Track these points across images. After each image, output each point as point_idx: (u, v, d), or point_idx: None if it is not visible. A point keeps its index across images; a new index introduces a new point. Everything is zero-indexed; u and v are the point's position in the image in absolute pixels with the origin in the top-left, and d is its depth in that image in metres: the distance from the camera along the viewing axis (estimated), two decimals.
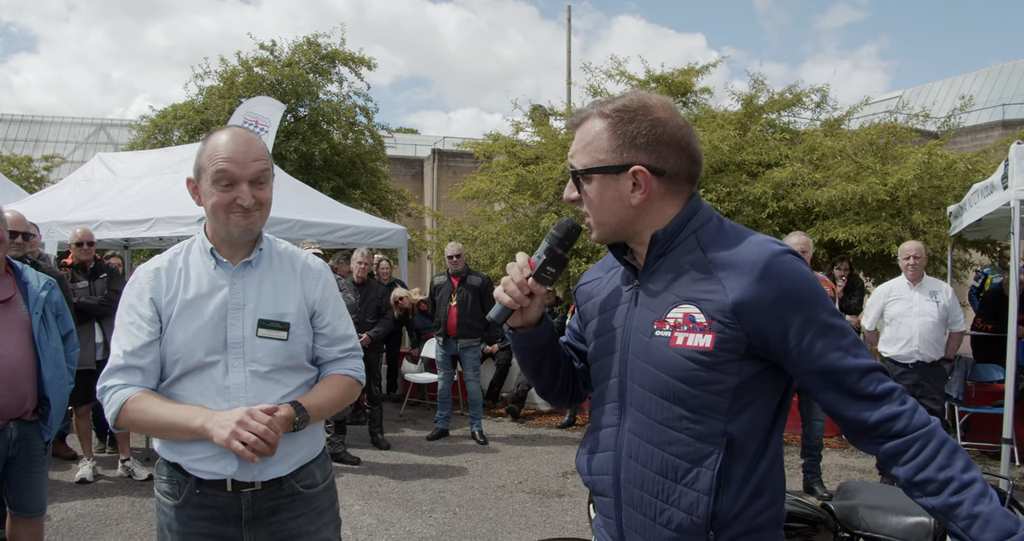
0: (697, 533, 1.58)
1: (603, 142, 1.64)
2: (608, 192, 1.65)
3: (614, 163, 1.63)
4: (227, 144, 2.14)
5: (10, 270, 3.75)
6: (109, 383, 2.14)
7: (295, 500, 2.24)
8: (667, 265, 1.66)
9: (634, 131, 1.61)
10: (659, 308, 1.63)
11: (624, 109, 1.63)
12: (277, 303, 2.23)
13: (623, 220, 1.67)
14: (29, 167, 24.06)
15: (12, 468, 3.69)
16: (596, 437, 1.78)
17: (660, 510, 1.61)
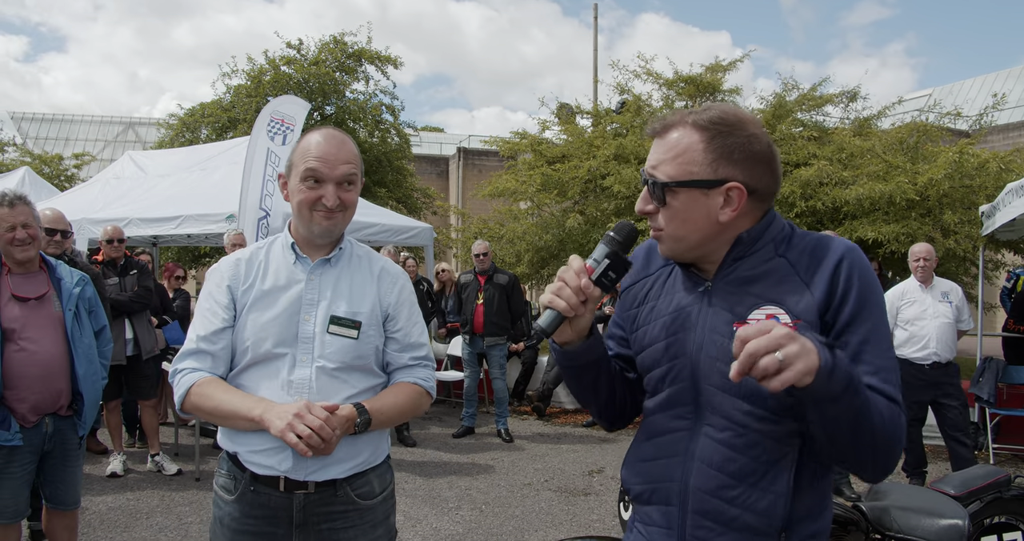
0: (770, 536, 1.57)
1: (697, 155, 1.57)
2: (696, 207, 1.59)
3: (709, 177, 1.57)
4: (320, 144, 2.16)
5: (44, 266, 3.80)
6: (180, 366, 2.18)
7: (349, 511, 2.22)
8: (745, 267, 1.63)
9: (731, 146, 1.56)
10: (738, 309, 1.60)
11: (721, 122, 1.58)
12: (351, 302, 2.23)
13: (705, 236, 1.62)
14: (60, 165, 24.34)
15: (48, 462, 3.76)
16: (656, 444, 1.73)
17: (734, 515, 1.58)
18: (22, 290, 3.65)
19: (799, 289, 1.56)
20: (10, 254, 3.63)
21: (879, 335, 1.54)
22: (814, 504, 1.58)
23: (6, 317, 3.55)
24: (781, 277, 1.59)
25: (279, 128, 8.89)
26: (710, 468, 1.60)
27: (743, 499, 1.57)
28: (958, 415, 6.41)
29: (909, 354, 6.48)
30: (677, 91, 12.93)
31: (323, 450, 1.99)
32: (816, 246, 1.60)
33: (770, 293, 1.58)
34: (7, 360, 3.51)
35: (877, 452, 1.49)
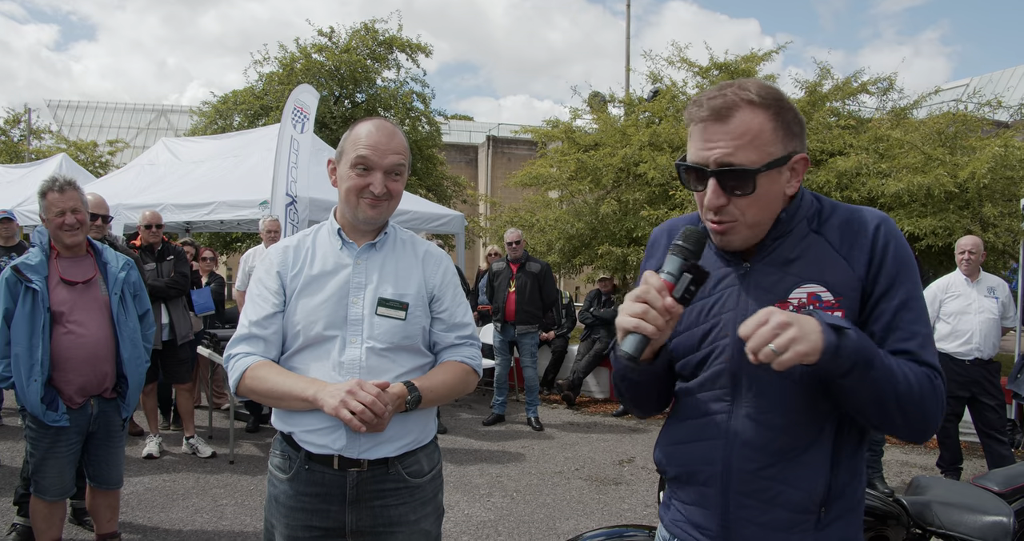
0: (810, 511, 1.59)
1: (770, 134, 1.54)
2: (775, 188, 1.58)
3: (783, 154, 1.56)
4: (372, 134, 2.22)
5: (91, 251, 3.86)
6: (234, 351, 2.25)
7: (400, 488, 2.27)
8: (784, 247, 1.63)
9: (790, 119, 1.57)
10: (778, 289, 1.60)
11: (771, 97, 1.56)
12: (398, 284, 2.28)
13: (774, 214, 1.62)
14: (94, 152, 24.65)
15: (93, 442, 3.85)
16: (693, 426, 1.73)
17: (777, 492, 1.60)
18: (70, 274, 3.73)
19: (839, 265, 1.58)
20: (60, 238, 3.70)
21: (914, 302, 1.56)
22: (851, 479, 1.62)
23: (55, 300, 3.63)
24: (819, 254, 1.60)
25: (299, 117, 9.00)
26: (751, 448, 1.62)
27: (785, 477, 1.59)
28: (995, 415, 6.30)
29: (951, 349, 6.36)
30: (711, 79, 12.81)
31: (376, 426, 2.05)
32: (849, 219, 1.62)
33: (809, 271, 1.59)
34: (56, 342, 3.60)
35: (907, 417, 1.50)
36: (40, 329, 3.54)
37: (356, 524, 2.24)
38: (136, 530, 4.87)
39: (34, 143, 25.50)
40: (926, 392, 1.49)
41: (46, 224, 3.73)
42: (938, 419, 1.53)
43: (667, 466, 1.79)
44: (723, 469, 1.65)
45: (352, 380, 2.08)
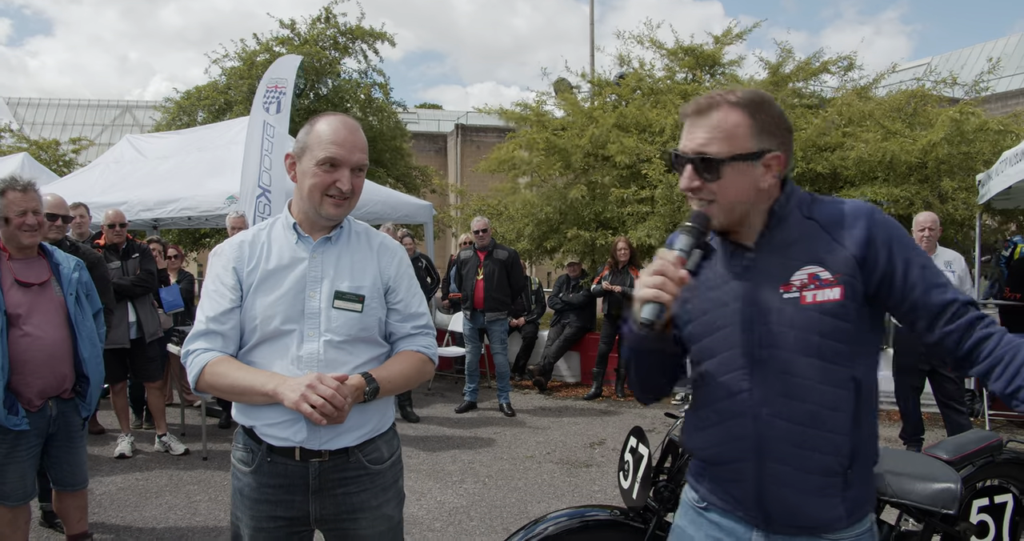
0: (839, 473, 1.76)
1: (743, 131, 1.75)
2: (744, 178, 1.77)
3: (754, 150, 1.75)
4: (339, 130, 2.24)
5: (41, 253, 3.84)
6: (192, 347, 2.26)
7: (361, 475, 2.32)
8: (780, 236, 1.81)
9: (767, 121, 1.76)
10: (780, 273, 1.78)
11: (753, 101, 1.77)
12: (354, 276, 2.31)
13: (747, 205, 1.80)
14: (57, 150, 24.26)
15: (53, 444, 3.83)
16: (717, 409, 1.86)
17: (807, 458, 1.76)
18: (24, 276, 3.69)
19: (833, 246, 1.75)
20: (16, 239, 3.66)
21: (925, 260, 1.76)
22: (870, 440, 1.81)
23: (10, 303, 3.59)
24: (814, 237, 1.78)
25: (273, 96, 8.73)
26: (778, 419, 1.77)
27: (812, 442, 1.75)
28: (954, 386, 6.43)
29: None
30: (679, 63, 12.91)
31: (336, 418, 2.08)
32: (840, 208, 1.80)
33: (808, 253, 1.77)
34: (13, 345, 3.56)
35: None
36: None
37: (320, 512, 2.29)
38: (109, 530, 4.87)
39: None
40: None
41: (1, 224, 3.67)
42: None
43: (700, 449, 1.94)
44: (755, 442, 1.80)
45: (311, 374, 2.11)
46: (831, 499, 1.76)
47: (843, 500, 1.77)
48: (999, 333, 1.69)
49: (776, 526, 1.83)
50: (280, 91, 8.77)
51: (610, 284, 9.12)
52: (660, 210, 9.85)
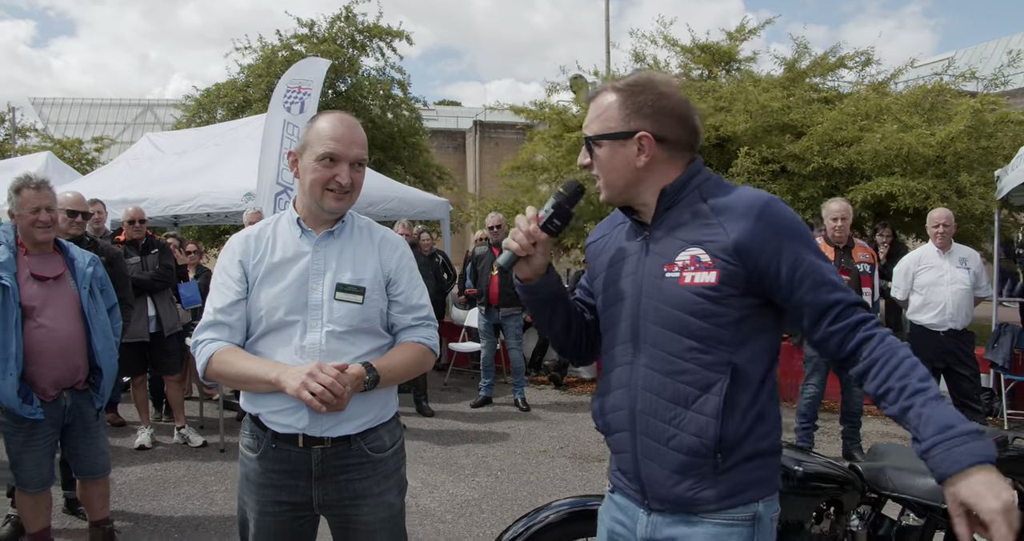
0: (706, 455, 1.77)
1: (614, 112, 1.85)
2: (617, 157, 1.86)
3: (623, 130, 1.84)
4: (337, 127, 2.32)
5: (57, 248, 3.94)
6: (200, 337, 2.36)
7: (363, 463, 2.38)
8: (673, 216, 1.85)
9: (641, 102, 1.82)
10: (668, 253, 1.82)
11: (634, 84, 1.85)
12: (355, 269, 2.38)
13: (629, 181, 1.88)
14: (80, 149, 24.60)
15: (71, 435, 3.94)
16: (608, 379, 1.97)
17: (672, 435, 1.80)
18: (40, 270, 3.80)
19: (717, 232, 1.77)
20: (31, 235, 3.77)
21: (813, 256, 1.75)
22: (751, 428, 1.78)
23: (26, 295, 3.70)
24: (703, 221, 1.80)
25: (295, 97, 8.81)
26: (649, 393, 1.84)
27: (679, 421, 1.79)
28: (970, 384, 6.39)
29: (924, 320, 6.46)
30: (694, 59, 12.89)
31: (336, 406, 2.15)
32: (738, 196, 1.81)
33: (693, 236, 1.80)
34: (28, 337, 3.66)
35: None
36: (12, 324, 3.60)
37: (323, 498, 2.35)
38: (128, 518, 4.97)
39: (19, 142, 25.42)
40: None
41: (17, 220, 3.79)
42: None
43: (596, 417, 2.03)
44: (629, 413, 1.88)
45: (312, 363, 2.18)
46: (698, 480, 1.79)
47: (714, 483, 1.78)
48: (881, 334, 1.70)
49: (652, 502, 1.88)
50: (305, 92, 8.87)
51: None
52: None
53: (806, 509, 2.96)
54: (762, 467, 1.81)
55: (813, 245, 1.77)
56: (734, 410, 1.76)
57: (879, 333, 1.70)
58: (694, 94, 11.22)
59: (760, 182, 9.65)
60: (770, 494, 1.84)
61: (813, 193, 9.51)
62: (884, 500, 3.20)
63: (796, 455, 2.93)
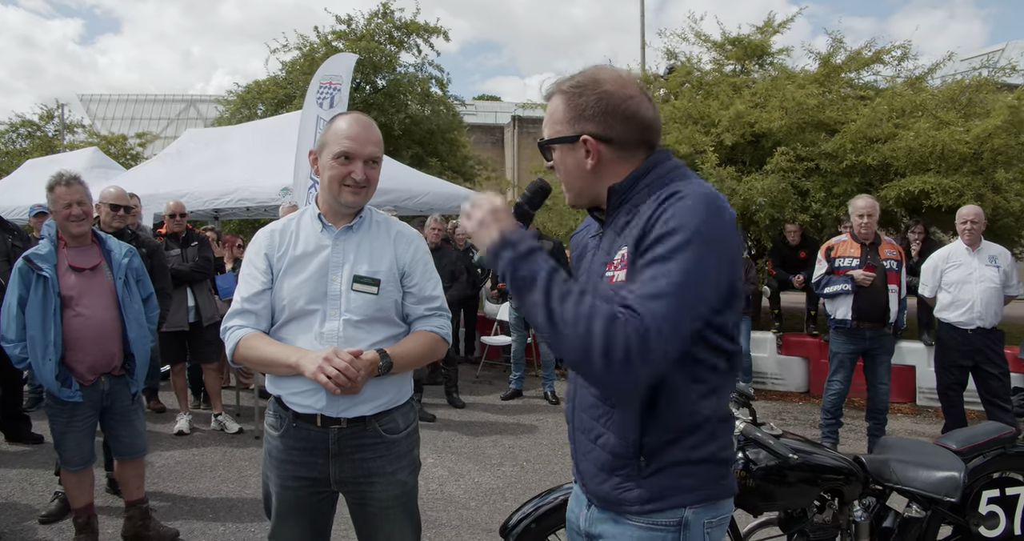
0: (629, 457, 1.77)
1: (560, 115, 1.83)
2: (568, 160, 1.84)
3: (568, 134, 1.82)
4: (352, 126, 2.48)
5: (95, 240, 4.16)
6: (229, 324, 2.55)
7: (377, 443, 2.54)
8: (622, 215, 1.80)
9: (584, 104, 1.78)
10: (610, 251, 1.78)
11: (577, 85, 1.80)
12: (371, 262, 2.55)
13: (584, 185, 1.86)
14: (125, 145, 25.16)
15: (109, 418, 4.19)
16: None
17: (599, 434, 1.83)
18: (77, 261, 4.04)
19: (642, 232, 1.67)
20: (66, 229, 4.01)
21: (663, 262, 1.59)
22: (678, 436, 1.74)
23: (64, 286, 3.94)
24: (641, 221, 1.69)
25: (327, 92, 9.03)
26: (585, 391, 1.89)
27: (605, 419, 1.82)
28: (998, 383, 6.36)
29: (952, 318, 6.43)
30: (726, 54, 12.86)
31: (350, 389, 2.32)
32: (673, 196, 1.67)
33: (631, 234, 1.71)
34: (66, 325, 3.91)
35: (561, 343, 1.59)
36: (52, 313, 3.84)
37: (339, 475, 2.52)
38: (166, 499, 5.20)
39: (67, 138, 26.08)
40: (593, 327, 1.53)
41: (54, 215, 4.03)
42: (594, 358, 1.53)
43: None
44: (571, 408, 1.95)
45: (329, 348, 2.35)
46: (623, 480, 1.78)
47: (638, 484, 1.77)
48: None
49: (589, 496, 1.91)
50: (335, 87, 9.07)
51: None
52: None
53: (806, 497, 3.04)
54: (691, 475, 1.77)
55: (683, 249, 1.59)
56: (656, 415, 1.73)
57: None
58: (728, 89, 11.21)
59: (794, 179, 9.64)
60: (700, 502, 1.78)
61: (847, 189, 9.45)
62: (889, 492, 3.27)
63: (795, 445, 3.01)
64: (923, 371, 8.33)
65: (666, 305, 1.54)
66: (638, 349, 1.51)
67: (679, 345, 1.58)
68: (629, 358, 1.51)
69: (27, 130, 25.37)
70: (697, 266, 1.58)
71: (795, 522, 3.15)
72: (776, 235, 9.97)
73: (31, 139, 25.30)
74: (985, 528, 3.35)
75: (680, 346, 1.59)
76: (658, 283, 1.57)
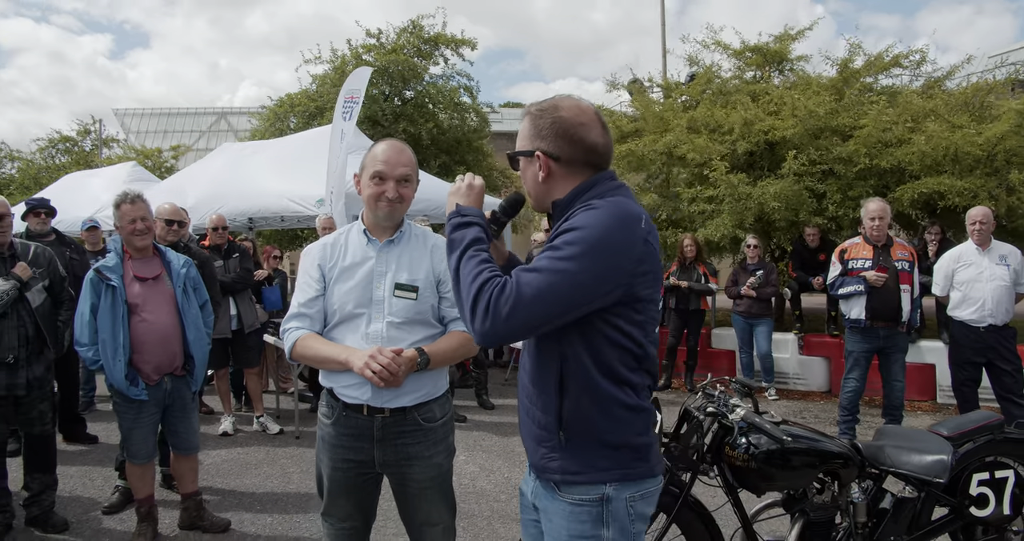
0: (551, 431, 2.08)
1: (524, 132, 2.16)
2: (528, 171, 2.17)
3: (527, 149, 2.14)
4: (385, 151, 2.86)
5: (156, 252, 4.56)
6: (288, 326, 2.92)
7: (416, 430, 2.89)
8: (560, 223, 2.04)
9: (541, 125, 2.11)
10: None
11: (540, 109, 2.13)
12: (411, 271, 2.92)
13: (539, 193, 2.18)
14: (160, 157, 25.78)
15: (171, 414, 4.57)
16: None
17: (530, 409, 2.16)
18: (141, 272, 4.45)
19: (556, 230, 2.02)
20: (131, 242, 4.42)
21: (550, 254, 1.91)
22: (589, 415, 2.03)
23: (130, 294, 4.34)
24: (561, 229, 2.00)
25: (349, 105, 9.43)
26: (524, 372, 2.22)
27: (535, 398, 2.14)
28: (1012, 379, 6.53)
29: (964, 316, 6.62)
30: (746, 61, 13.08)
31: (392, 382, 2.67)
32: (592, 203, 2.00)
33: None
34: (133, 329, 4.30)
35: (456, 296, 1.99)
36: (120, 319, 4.23)
37: (382, 458, 2.90)
38: (215, 493, 5.58)
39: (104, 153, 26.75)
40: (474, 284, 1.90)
41: (120, 231, 4.44)
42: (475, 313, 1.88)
43: None
44: (521, 387, 2.26)
45: (374, 347, 2.72)
46: (549, 450, 2.09)
47: (559, 458, 2.07)
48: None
49: (531, 468, 2.22)
50: (355, 101, 9.49)
51: (677, 279, 9.47)
52: (726, 208, 10.07)
53: (804, 479, 3.33)
54: (608, 458, 2.04)
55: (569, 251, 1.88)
56: (568, 395, 2.03)
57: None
58: (746, 98, 11.43)
59: (810, 183, 9.83)
60: (620, 480, 2.05)
61: (862, 192, 9.64)
62: (884, 476, 3.54)
63: (794, 431, 3.29)
64: (943, 369, 8.45)
65: (537, 278, 1.86)
66: (494, 306, 1.85)
67: (541, 314, 1.87)
68: (488, 312, 1.86)
69: (65, 145, 26.08)
70: (578, 259, 1.88)
71: (796, 502, 3.45)
72: (795, 238, 10.17)
73: (69, 154, 26.01)
74: (976, 508, 3.59)
75: (542, 316, 1.87)
76: (540, 263, 1.91)
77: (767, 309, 9.33)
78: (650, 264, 2.00)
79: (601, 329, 1.99)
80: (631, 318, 2.00)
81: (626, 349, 2.02)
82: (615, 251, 1.91)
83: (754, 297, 9.08)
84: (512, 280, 1.88)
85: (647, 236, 1.99)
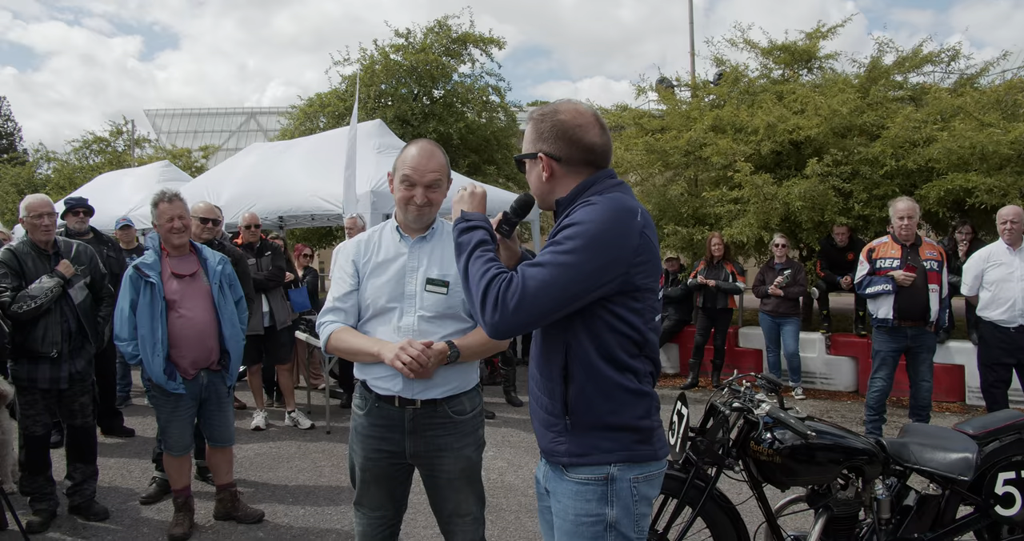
0: (558, 416, 2.19)
1: (528, 136, 2.28)
2: (532, 173, 2.29)
3: (530, 151, 2.26)
4: (415, 156, 2.90)
5: (192, 250, 4.67)
6: (323, 319, 3.00)
7: (447, 422, 2.95)
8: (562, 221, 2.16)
9: (542, 128, 2.23)
10: None
11: (541, 113, 2.25)
12: (442, 267, 2.97)
13: (543, 192, 2.29)
14: (190, 157, 26.10)
15: (206, 408, 4.69)
16: None
17: (538, 395, 2.28)
18: (179, 269, 4.57)
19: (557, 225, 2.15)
20: (169, 240, 4.54)
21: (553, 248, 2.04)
22: (592, 402, 2.15)
23: (168, 291, 4.46)
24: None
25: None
26: (534, 361, 2.31)
27: (543, 385, 2.25)
28: None
29: (993, 316, 6.54)
30: (774, 60, 13.05)
31: (422, 374, 2.75)
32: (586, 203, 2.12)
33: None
34: (171, 325, 4.42)
35: (467, 294, 2.12)
36: (158, 314, 4.36)
37: (413, 449, 2.97)
38: (249, 485, 5.72)
39: (136, 153, 27.15)
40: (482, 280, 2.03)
41: (158, 229, 4.57)
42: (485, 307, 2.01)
43: None
44: (531, 376, 2.36)
45: (405, 340, 2.79)
46: (557, 435, 2.20)
47: (566, 441, 2.18)
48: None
49: (542, 452, 2.31)
50: None
51: (704, 278, 9.49)
52: (752, 208, 10.06)
53: (828, 474, 3.37)
54: (612, 439, 2.15)
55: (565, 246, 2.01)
56: (573, 381, 2.14)
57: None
58: (771, 97, 11.40)
59: (836, 182, 9.79)
60: (624, 461, 2.16)
61: (888, 191, 9.59)
62: (909, 473, 3.56)
63: (818, 427, 3.33)
64: (972, 370, 8.38)
65: (541, 271, 1.99)
66: (502, 299, 1.98)
67: (546, 305, 1.99)
68: (497, 305, 1.99)
69: (99, 146, 26.50)
70: (579, 252, 1.99)
71: (820, 498, 3.48)
72: (823, 237, 10.15)
73: (102, 154, 26.42)
74: (1002, 507, 3.59)
75: (548, 307, 1.99)
76: (543, 257, 2.02)
77: (794, 308, 9.31)
78: (647, 255, 2.11)
79: (603, 318, 2.11)
80: (631, 306, 2.12)
81: (627, 336, 2.14)
82: (613, 243, 2.03)
83: (781, 296, 9.07)
84: (518, 275, 2.00)
85: (643, 229, 2.10)
